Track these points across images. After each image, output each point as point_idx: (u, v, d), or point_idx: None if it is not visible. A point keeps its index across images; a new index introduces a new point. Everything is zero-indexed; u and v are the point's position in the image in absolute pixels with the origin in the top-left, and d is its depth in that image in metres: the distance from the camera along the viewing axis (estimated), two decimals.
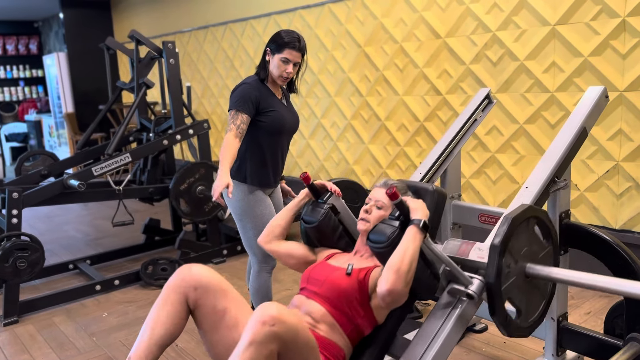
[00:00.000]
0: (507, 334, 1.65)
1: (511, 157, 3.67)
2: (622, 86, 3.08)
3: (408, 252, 1.64)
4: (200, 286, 1.75)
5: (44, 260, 3.28)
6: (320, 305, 1.80)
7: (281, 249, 2.11)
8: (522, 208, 1.65)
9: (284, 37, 2.41)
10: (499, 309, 1.60)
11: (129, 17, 8.05)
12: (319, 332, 1.76)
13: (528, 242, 1.68)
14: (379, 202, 1.94)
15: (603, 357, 2.07)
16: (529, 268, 1.67)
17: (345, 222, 2.13)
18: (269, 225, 2.15)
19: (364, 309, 1.80)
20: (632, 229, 3.18)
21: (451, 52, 3.88)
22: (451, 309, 1.75)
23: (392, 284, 1.62)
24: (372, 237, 1.76)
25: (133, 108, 3.95)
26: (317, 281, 1.87)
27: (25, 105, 10.58)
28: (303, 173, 2.09)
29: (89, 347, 2.89)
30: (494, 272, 1.57)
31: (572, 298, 3.10)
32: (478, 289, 1.68)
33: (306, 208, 2.14)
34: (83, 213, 6.06)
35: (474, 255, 1.75)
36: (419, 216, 1.69)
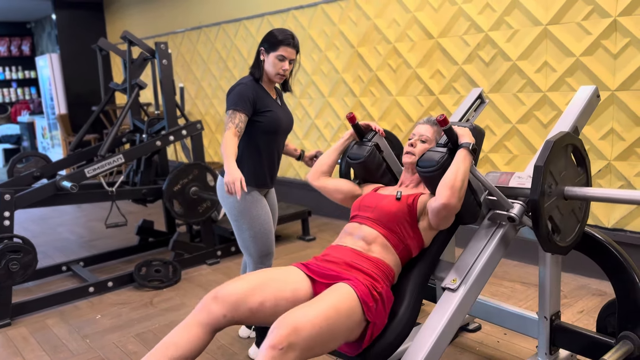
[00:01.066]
0: (548, 249, 1.79)
1: (504, 157, 3.68)
2: (613, 86, 3.10)
3: (460, 171, 1.79)
4: (231, 309, 1.72)
5: (36, 262, 3.27)
6: (373, 229, 1.94)
7: (329, 184, 2.25)
8: (562, 134, 1.79)
9: (278, 35, 2.42)
10: (542, 225, 1.72)
11: (122, 18, 8.03)
12: (372, 255, 1.89)
13: (565, 166, 1.82)
14: (423, 136, 2.08)
15: (595, 355, 2.08)
16: (568, 190, 1.81)
17: (388, 160, 2.27)
18: (317, 163, 2.29)
19: (413, 230, 1.94)
20: (624, 228, 3.20)
21: (444, 52, 3.89)
22: (494, 230, 1.94)
23: (448, 198, 1.77)
24: (422, 163, 1.91)
25: (126, 109, 3.94)
26: (369, 207, 2.01)
27: (18, 106, 10.53)
28: (349, 113, 2.22)
29: (83, 349, 2.88)
30: (538, 190, 1.69)
31: (565, 297, 3.11)
32: (519, 211, 1.84)
33: (352, 147, 2.28)
34: (76, 215, 6.04)
35: (514, 182, 1.93)
36: (467, 140, 1.84)
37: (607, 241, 2.04)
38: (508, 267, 3.62)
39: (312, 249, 4.23)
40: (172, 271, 3.77)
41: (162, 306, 3.35)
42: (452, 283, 1.86)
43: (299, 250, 4.24)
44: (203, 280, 3.75)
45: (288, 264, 3.82)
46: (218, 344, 2.81)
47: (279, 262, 4.01)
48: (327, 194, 2.26)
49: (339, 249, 1.94)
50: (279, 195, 5.54)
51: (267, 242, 2.53)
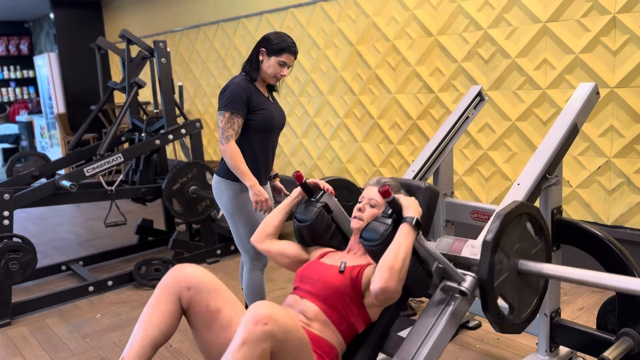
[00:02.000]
0: (500, 330, 1.66)
1: (503, 154, 3.68)
2: (613, 83, 3.10)
3: (401, 250, 1.64)
4: (193, 286, 1.75)
5: (36, 262, 3.27)
6: (314, 304, 1.81)
7: (274, 248, 2.12)
8: (514, 205, 1.65)
9: (282, 42, 2.44)
10: (492, 305, 1.60)
11: (120, 16, 8.02)
12: (312, 331, 1.76)
13: (520, 238, 1.68)
14: (372, 200, 1.94)
15: (596, 352, 2.08)
16: (522, 264, 1.67)
17: (338, 220, 2.14)
18: (262, 224, 2.16)
19: (357, 306, 1.81)
20: (624, 224, 3.20)
21: (443, 50, 3.88)
22: (444, 306, 1.76)
23: (386, 281, 1.62)
24: (365, 235, 1.77)
25: (125, 108, 3.94)
26: (310, 280, 1.87)
27: (16, 106, 10.52)
28: (295, 172, 2.09)
29: (83, 348, 2.87)
30: (486, 269, 1.57)
31: (565, 294, 3.11)
32: (471, 285, 1.68)
33: (299, 207, 2.15)
34: (76, 214, 6.03)
35: (467, 252, 1.75)
36: (412, 214, 1.70)
37: (607, 238, 2.04)
38: None
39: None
40: None
41: None
42: None
43: None
44: None
45: None
46: None
47: None
48: (272, 258, 2.13)
49: None
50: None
51: None
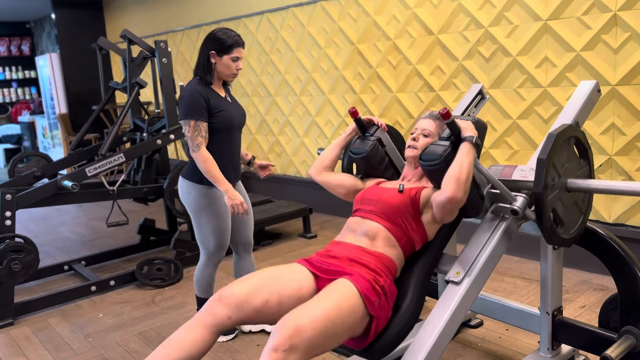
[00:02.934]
0: (551, 241, 1.80)
1: (505, 153, 3.68)
2: (614, 80, 3.09)
3: (464, 164, 1.78)
4: (235, 310, 1.73)
5: (38, 262, 3.27)
6: (376, 222, 1.92)
7: (332, 179, 2.26)
8: (565, 127, 1.79)
9: (229, 38, 2.46)
10: (546, 217, 1.73)
11: (122, 17, 8.03)
12: (375, 249, 1.88)
13: (568, 159, 1.82)
14: (425, 130, 2.07)
15: (598, 350, 2.08)
16: (571, 182, 1.82)
17: (391, 154, 2.27)
18: (318, 158, 2.29)
19: (416, 222, 1.93)
20: (626, 222, 3.19)
21: (444, 48, 3.88)
22: (497, 223, 1.93)
23: (453, 191, 1.76)
24: (424, 157, 1.90)
25: (126, 108, 3.94)
26: (371, 201, 2.00)
27: (18, 106, 10.53)
28: (351, 107, 2.21)
29: (85, 348, 2.88)
30: (542, 183, 1.70)
31: (567, 292, 3.11)
32: (522, 204, 1.83)
33: (354, 141, 2.28)
34: (78, 214, 6.04)
35: (517, 175, 1.92)
36: (470, 133, 1.83)
37: (609, 236, 2.03)
38: (510, 263, 3.62)
39: (314, 247, 4.23)
40: (174, 269, 3.77)
41: (164, 305, 3.36)
42: (456, 276, 1.86)
43: (300, 247, 4.24)
44: None
45: (289, 261, 3.82)
46: (221, 342, 2.82)
47: (280, 260, 4.01)
48: (330, 189, 2.27)
49: (342, 245, 1.95)
50: (280, 193, 5.54)
51: (225, 236, 2.65)
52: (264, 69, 5.50)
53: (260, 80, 5.58)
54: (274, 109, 5.49)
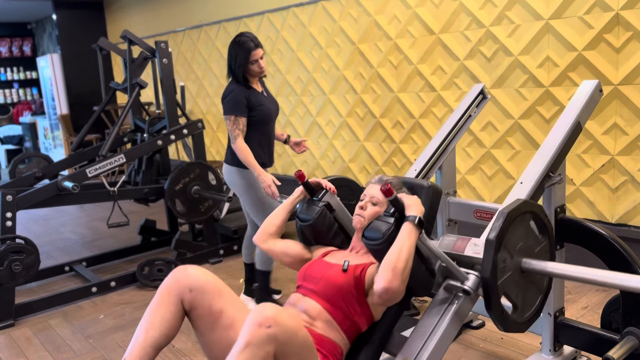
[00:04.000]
0: (504, 329, 1.65)
1: (506, 153, 3.67)
2: (616, 80, 3.08)
3: (404, 249, 1.63)
4: (196, 287, 1.74)
5: (39, 263, 3.27)
6: (317, 303, 1.80)
7: (277, 247, 2.11)
8: (517, 203, 1.64)
9: (242, 48, 2.83)
10: (495, 304, 1.59)
11: (123, 17, 8.03)
12: (315, 330, 1.75)
13: (524, 236, 1.67)
14: (374, 198, 1.94)
15: (600, 351, 2.07)
16: (525, 263, 1.66)
17: (340, 219, 2.13)
18: (264, 224, 2.16)
19: (360, 305, 1.80)
20: (628, 222, 3.18)
21: (445, 48, 3.87)
22: (447, 305, 1.74)
23: (389, 281, 1.60)
24: (367, 234, 1.75)
25: (127, 109, 3.94)
26: (314, 278, 1.87)
27: (19, 107, 10.55)
28: (297, 171, 2.09)
29: (86, 349, 2.88)
30: (490, 267, 1.56)
31: (569, 293, 3.10)
32: (474, 284, 1.66)
33: (301, 206, 2.15)
34: (79, 215, 6.04)
35: (470, 250, 1.74)
36: (414, 212, 1.68)
37: (611, 236, 2.02)
38: None
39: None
40: None
41: None
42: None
43: None
44: None
45: None
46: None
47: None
48: (275, 257, 2.13)
49: None
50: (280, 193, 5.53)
51: (269, 211, 2.94)
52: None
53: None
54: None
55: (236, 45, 2.85)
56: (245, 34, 2.87)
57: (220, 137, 6.43)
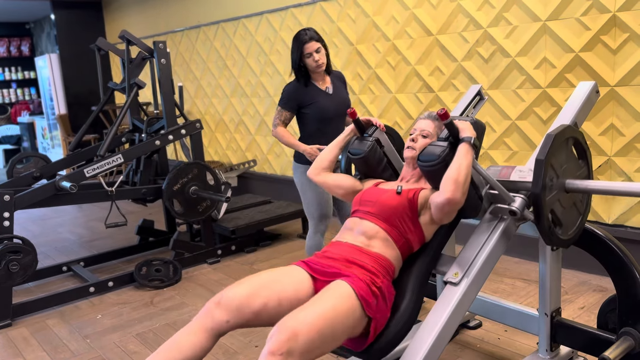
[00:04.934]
0: (550, 242, 1.80)
1: (504, 153, 3.68)
2: (613, 81, 3.09)
3: (463, 165, 1.78)
4: (233, 313, 1.72)
5: (36, 263, 3.27)
6: (374, 223, 1.92)
7: (330, 180, 2.25)
8: (563, 127, 1.79)
9: (297, 41, 2.83)
10: (544, 217, 1.72)
11: (121, 17, 8.02)
12: (372, 249, 1.88)
13: (567, 159, 1.82)
14: (424, 131, 2.07)
15: (596, 351, 2.07)
16: (569, 183, 1.82)
17: (389, 155, 2.27)
18: (317, 159, 2.29)
19: (414, 224, 1.93)
20: (624, 223, 3.19)
21: (443, 49, 3.88)
22: (496, 224, 1.93)
23: (452, 192, 1.76)
24: (423, 157, 1.90)
25: (125, 109, 3.93)
26: (369, 202, 2.00)
27: (18, 107, 10.53)
28: (350, 108, 2.26)
29: (83, 349, 2.88)
30: (540, 184, 1.70)
31: (566, 293, 3.11)
32: (520, 205, 1.83)
33: (353, 142, 2.29)
34: (77, 215, 6.04)
35: (516, 176, 1.92)
36: (469, 134, 1.83)
37: (608, 237, 2.03)
38: (508, 264, 3.62)
39: None
40: (173, 270, 3.77)
41: (162, 306, 3.35)
42: (454, 277, 1.86)
43: (299, 248, 4.23)
44: (204, 279, 3.75)
45: (288, 262, 3.81)
46: (219, 343, 2.81)
47: (279, 260, 4.00)
48: (328, 189, 2.27)
49: (339, 245, 1.94)
50: (279, 194, 5.54)
51: (326, 207, 3.00)
52: (263, 70, 5.50)
53: (260, 80, 5.57)
54: (273, 110, 5.49)
55: (293, 39, 2.87)
56: (305, 28, 2.87)
57: (219, 137, 6.44)
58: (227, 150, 6.35)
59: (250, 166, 5.85)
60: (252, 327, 1.79)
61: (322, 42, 2.87)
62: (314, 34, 2.83)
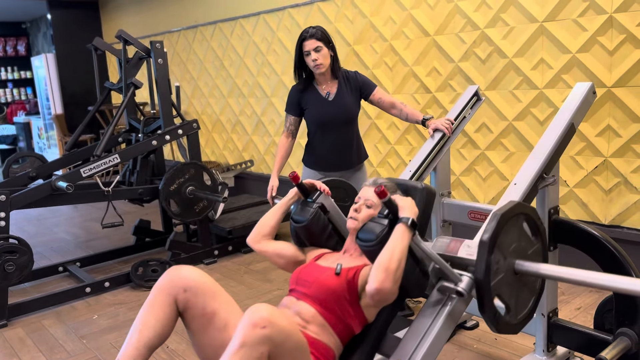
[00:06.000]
0: (497, 330, 1.65)
1: (501, 154, 3.68)
2: (609, 82, 3.10)
3: (396, 250, 1.63)
4: (190, 288, 1.74)
5: (32, 263, 3.26)
6: (310, 306, 1.79)
7: (270, 248, 2.10)
8: (511, 205, 1.64)
9: (300, 35, 2.70)
10: (488, 305, 1.59)
11: (118, 17, 8.01)
12: (309, 333, 1.75)
13: (517, 238, 1.67)
14: (368, 200, 1.94)
15: (593, 352, 2.07)
16: (518, 264, 1.66)
17: (334, 221, 2.13)
18: (258, 225, 2.15)
19: (353, 308, 1.79)
20: (621, 224, 3.20)
21: (440, 50, 3.88)
22: (441, 306, 1.74)
23: (381, 282, 1.61)
24: (361, 236, 1.76)
25: (121, 109, 3.93)
26: (307, 282, 1.86)
27: (14, 107, 10.50)
28: (292, 172, 2.08)
29: (79, 349, 2.87)
30: (483, 269, 1.56)
31: (563, 294, 3.11)
32: (467, 286, 1.67)
33: (295, 207, 2.14)
34: (73, 215, 6.02)
35: (463, 252, 1.73)
36: (407, 214, 1.69)
37: (604, 238, 2.03)
38: None
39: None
40: None
41: None
42: None
43: None
44: None
45: None
46: None
47: None
48: (269, 259, 2.12)
49: None
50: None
51: None
52: (260, 70, 5.49)
53: (257, 81, 5.57)
54: (271, 110, 5.48)
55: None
56: (312, 26, 2.73)
57: (215, 137, 6.43)
58: (224, 151, 6.35)
59: (247, 166, 5.84)
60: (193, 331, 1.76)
61: (325, 41, 2.69)
62: (316, 31, 2.67)
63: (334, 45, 2.78)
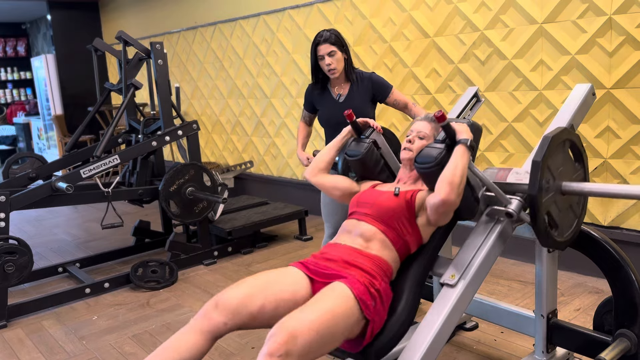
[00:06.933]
0: (545, 244, 1.80)
1: (500, 156, 3.68)
2: (609, 84, 3.10)
3: (458, 167, 1.78)
4: (231, 315, 1.72)
5: (32, 264, 3.26)
6: (372, 225, 1.93)
7: (326, 181, 2.25)
8: (560, 130, 1.79)
9: (314, 39, 2.75)
10: (540, 220, 1.73)
11: (118, 18, 8.01)
12: (370, 251, 1.89)
13: (563, 162, 1.83)
14: (421, 132, 2.09)
15: (592, 353, 2.08)
16: (565, 185, 1.82)
17: (386, 157, 2.28)
18: (315, 160, 2.30)
19: (411, 226, 1.94)
20: (620, 225, 3.20)
21: (440, 51, 3.89)
22: (492, 225, 1.94)
23: (447, 194, 1.77)
24: (419, 159, 1.91)
25: (121, 109, 3.93)
26: (367, 204, 2.01)
27: (13, 107, 10.50)
28: (347, 109, 2.27)
29: (79, 350, 2.87)
30: (536, 185, 1.70)
31: (562, 295, 3.11)
32: (517, 207, 1.84)
33: (350, 143, 2.29)
34: (73, 216, 6.02)
35: (512, 178, 1.93)
36: (465, 136, 1.83)
37: (604, 239, 2.04)
38: (505, 266, 3.62)
39: (309, 249, 4.23)
40: (169, 272, 3.76)
41: (158, 307, 3.35)
42: (451, 279, 1.86)
43: (296, 249, 4.23)
44: (200, 280, 3.74)
45: (285, 263, 3.82)
46: (215, 345, 2.81)
47: (276, 262, 4.00)
48: (325, 191, 2.26)
49: (337, 247, 1.94)
50: (276, 196, 5.54)
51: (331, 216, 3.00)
52: (260, 71, 5.50)
53: (257, 82, 5.57)
54: (270, 111, 5.49)
55: None
56: (326, 29, 2.76)
57: (215, 138, 6.43)
58: (223, 152, 6.35)
59: (247, 167, 5.84)
60: (250, 329, 1.78)
61: (339, 45, 2.72)
62: (330, 35, 2.71)
63: (348, 48, 2.81)
